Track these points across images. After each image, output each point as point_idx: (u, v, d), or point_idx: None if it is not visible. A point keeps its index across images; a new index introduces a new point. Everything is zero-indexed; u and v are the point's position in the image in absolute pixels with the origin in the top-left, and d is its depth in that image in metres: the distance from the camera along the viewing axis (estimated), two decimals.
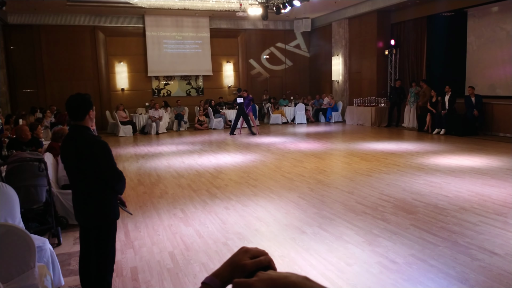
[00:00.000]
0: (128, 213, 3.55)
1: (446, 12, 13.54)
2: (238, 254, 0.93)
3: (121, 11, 15.54)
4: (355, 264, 3.80)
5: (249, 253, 0.93)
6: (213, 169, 8.45)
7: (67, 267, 4.05)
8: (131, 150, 11.62)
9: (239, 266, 0.90)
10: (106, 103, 16.51)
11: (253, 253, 0.93)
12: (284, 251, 4.16)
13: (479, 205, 5.39)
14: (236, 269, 0.90)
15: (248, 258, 0.91)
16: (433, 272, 3.58)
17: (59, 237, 4.72)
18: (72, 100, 2.95)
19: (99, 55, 16.35)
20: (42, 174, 4.71)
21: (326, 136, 13.19)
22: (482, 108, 11.80)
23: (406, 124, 14.37)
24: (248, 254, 0.92)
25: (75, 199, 3.05)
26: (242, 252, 0.93)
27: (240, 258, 0.92)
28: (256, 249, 0.94)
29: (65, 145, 3.00)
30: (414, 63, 14.94)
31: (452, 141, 10.99)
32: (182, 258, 4.11)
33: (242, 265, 0.90)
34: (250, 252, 0.93)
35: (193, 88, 18.06)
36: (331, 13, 17.21)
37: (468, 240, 4.24)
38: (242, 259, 0.91)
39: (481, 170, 7.45)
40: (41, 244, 3.54)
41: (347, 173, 7.65)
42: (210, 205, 5.92)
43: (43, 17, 15.13)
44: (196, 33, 17.48)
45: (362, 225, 4.82)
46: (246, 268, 0.90)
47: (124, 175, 3.04)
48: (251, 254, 0.93)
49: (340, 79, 17.50)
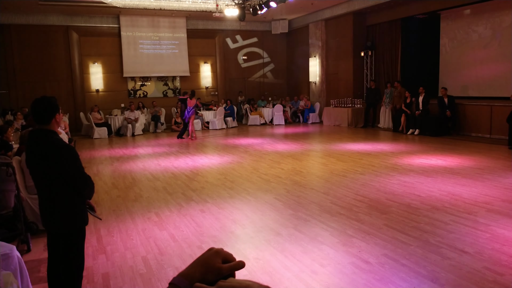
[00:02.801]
0: (97, 218, 3.47)
1: (420, 14, 13.81)
2: (209, 255, 0.91)
3: (95, 10, 15.26)
4: (328, 265, 3.82)
5: (220, 256, 0.91)
6: (190, 172, 8.38)
7: (37, 274, 3.94)
8: (106, 152, 11.42)
9: (214, 269, 0.88)
10: (80, 104, 16.17)
11: (224, 256, 0.91)
12: (259, 253, 4.15)
13: (451, 205, 5.50)
14: (209, 271, 0.88)
15: (221, 261, 0.90)
16: (404, 272, 3.63)
17: (29, 244, 4.59)
18: (37, 103, 2.86)
19: (73, 55, 16.00)
20: (10, 179, 4.58)
21: (303, 137, 13.27)
22: (454, 108, 12.07)
23: (382, 125, 14.59)
24: (220, 256, 0.91)
25: (42, 205, 2.97)
26: (214, 253, 0.91)
27: (213, 260, 0.89)
28: (227, 253, 0.93)
29: (30, 150, 2.90)
30: (389, 65, 15.18)
31: (426, 141, 11.21)
32: (156, 263, 4.05)
33: (218, 268, 0.89)
34: (221, 254, 0.91)
35: (170, 89, 17.89)
36: (308, 15, 17.33)
37: (439, 239, 4.32)
38: (216, 261, 0.89)
39: (453, 169, 7.61)
40: (8, 251, 3.42)
41: (323, 174, 7.71)
42: (186, 208, 5.87)
43: (14, 16, 14.71)
44: (173, 34, 17.32)
45: (336, 225, 4.86)
46: (221, 272, 0.88)
47: (92, 180, 2.97)
48: (223, 257, 0.91)
49: (317, 80, 17.64)
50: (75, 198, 2.91)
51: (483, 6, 12.01)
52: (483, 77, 12.32)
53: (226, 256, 0.91)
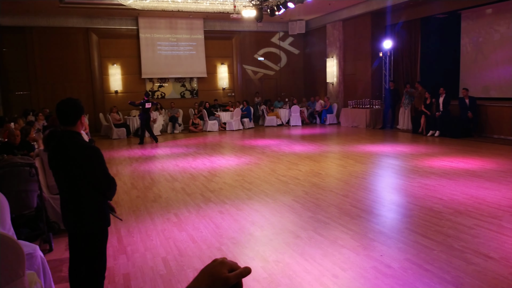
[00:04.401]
0: (118, 218, 3.49)
1: (440, 14, 13.59)
2: (214, 266, 0.91)
3: (114, 13, 15.45)
4: (349, 269, 3.76)
5: (226, 266, 0.91)
6: (208, 172, 8.40)
7: (59, 274, 3.98)
8: (124, 153, 11.54)
9: (221, 279, 0.88)
10: (99, 105, 16.40)
11: (230, 266, 0.91)
12: (279, 256, 4.12)
13: (474, 208, 5.38)
14: (216, 282, 0.88)
15: (227, 271, 0.89)
16: (428, 277, 3.56)
17: (51, 243, 4.65)
18: (63, 104, 2.88)
19: (93, 57, 16.24)
20: (33, 179, 4.65)
21: (321, 138, 13.18)
22: (476, 110, 11.83)
23: (401, 126, 14.39)
24: (226, 266, 0.90)
25: (65, 206, 2.99)
26: (219, 264, 0.91)
27: (219, 271, 0.89)
28: (232, 261, 0.92)
29: (54, 151, 2.93)
30: (409, 65, 14.98)
31: (447, 143, 11.01)
32: (176, 264, 4.06)
33: (225, 278, 0.88)
34: (227, 264, 0.91)
35: (188, 90, 17.99)
36: (326, 15, 17.23)
37: (463, 244, 4.22)
38: (222, 272, 0.89)
39: (475, 172, 7.45)
40: (31, 251, 3.47)
41: (342, 176, 7.63)
42: (204, 209, 5.88)
43: (35, 18, 15.01)
44: (190, 35, 17.42)
45: (357, 229, 4.80)
46: (229, 281, 0.88)
47: (115, 181, 2.99)
48: (229, 267, 0.91)
49: (334, 81, 17.51)
50: (98, 199, 2.93)
51: (505, 5, 11.74)
52: (505, 78, 12.04)
53: (231, 265, 0.91)
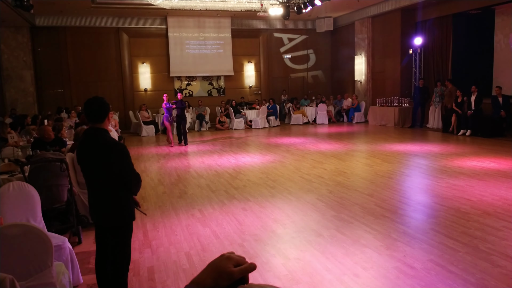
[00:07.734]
0: (142, 213, 3.59)
1: (473, 10, 13.18)
2: (220, 261, 0.91)
3: (144, 12, 15.76)
4: (371, 269, 3.74)
5: (232, 261, 0.91)
6: (232, 170, 8.48)
7: (87, 266, 4.13)
8: (152, 150, 11.78)
9: (226, 274, 0.88)
10: (129, 103, 16.80)
11: (236, 261, 0.91)
12: (300, 254, 4.14)
13: (503, 210, 5.22)
14: (221, 276, 0.88)
15: (232, 266, 0.90)
16: (451, 279, 3.49)
17: (80, 236, 4.83)
18: (92, 102, 2.99)
19: (123, 56, 16.64)
20: (64, 174, 4.83)
21: (347, 136, 13.05)
22: (509, 108, 11.43)
23: (431, 125, 14.07)
24: (232, 261, 0.90)
25: (92, 201, 3.11)
26: (225, 259, 0.91)
27: (225, 266, 0.89)
28: (238, 256, 0.93)
29: (82, 147, 3.05)
30: (439, 62, 14.61)
31: (478, 142, 10.69)
32: (198, 259, 4.14)
33: (229, 272, 0.88)
34: (232, 259, 0.91)
35: (215, 88, 18.17)
36: (354, 12, 17.01)
37: (490, 246, 4.12)
38: (227, 266, 0.89)
39: (506, 173, 7.22)
40: (60, 243, 3.62)
41: (367, 175, 7.55)
42: (228, 206, 5.94)
43: (69, 19, 15.51)
44: (218, 34, 17.57)
45: (380, 228, 4.75)
46: (233, 276, 0.88)
47: (140, 177, 3.08)
48: (235, 262, 0.91)
49: (362, 78, 17.29)
50: (124, 194, 3.03)
51: None
52: None
53: (237, 261, 0.91)
